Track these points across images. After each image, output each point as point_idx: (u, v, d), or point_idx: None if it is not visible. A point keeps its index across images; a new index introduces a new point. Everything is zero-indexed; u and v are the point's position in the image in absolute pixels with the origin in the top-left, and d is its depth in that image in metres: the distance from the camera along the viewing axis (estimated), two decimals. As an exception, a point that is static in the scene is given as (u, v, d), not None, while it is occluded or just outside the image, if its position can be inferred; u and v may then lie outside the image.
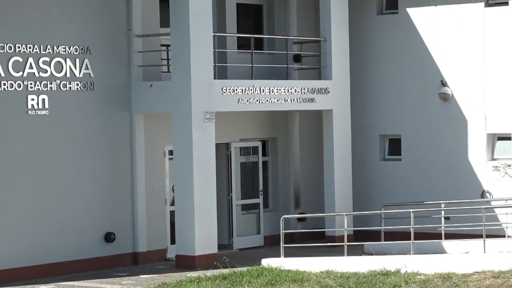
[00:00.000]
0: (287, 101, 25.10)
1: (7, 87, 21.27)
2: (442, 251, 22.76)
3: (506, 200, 23.18)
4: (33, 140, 21.79)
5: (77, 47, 22.54)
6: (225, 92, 23.64)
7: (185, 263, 22.67)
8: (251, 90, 24.23)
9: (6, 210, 21.22)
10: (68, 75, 22.35)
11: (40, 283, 20.60)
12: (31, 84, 21.69)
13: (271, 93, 24.65)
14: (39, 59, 21.84)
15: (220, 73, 24.52)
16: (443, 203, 23.75)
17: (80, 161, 22.62)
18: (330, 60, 26.08)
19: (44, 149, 21.97)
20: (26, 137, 21.67)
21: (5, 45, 21.23)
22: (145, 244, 23.69)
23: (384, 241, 23.87)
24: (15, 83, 21.41)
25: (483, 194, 24.97)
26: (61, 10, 22.31)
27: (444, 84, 25.76)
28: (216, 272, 21.12)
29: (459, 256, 21.14)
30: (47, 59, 21.99)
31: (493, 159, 25.00)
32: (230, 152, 25.91)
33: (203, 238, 22.91)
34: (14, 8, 21.44)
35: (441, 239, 23.20)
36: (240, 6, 26.59)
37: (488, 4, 25.11)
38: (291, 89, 25.20)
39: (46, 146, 22.01)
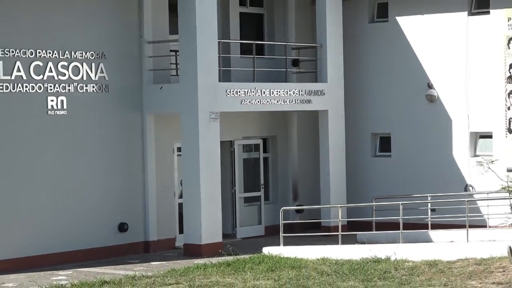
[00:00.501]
0: (285, 102, 25.14)
1: (28, 89, 21.33)
2: (428, 240, 22.80)
3: (488, 193, 23.21)
4: (52, 138, 21.84)
5: (93, 53, 22.56)
6: (229, 94, 23.66)
7: (192, 251, 22.68)
8: (253, 92, 24.25)
9: (27, 203, 21.28)
10: (84, 78, 22.38)
11: (58, 270, 20.61)
12: (50, 86, 21.74)
13: (271, 95, 24.69)
14: (58, 63, 21.88)
15: (225, 76, 24.52)
16: (429, 196, 23.83)
17: (95, 157, 22.65)
18: (326, 64, 26.07)
19: (63, 146, 22.00)
20: (47, 135, 21.73)
21: (26, 50, 21.27)
22: (155, 234, 23.72)
23: (375, 231, 23.84)
24: (36, 85, 21.46)
25: (466, 187, 25.01)
26: (78, 18, 22.31)
27: (430, 86, 25.79)
28: (221, 259, 21.18)
29: (444, 245, 21.26)
30: (66, 63, 22.02)
31: (476, 156, 25.03)
32: (234, 149, 25.94)
33: (209, 228, 22.93)
34: (34, 16, 21.47)
35: (428, 229, 23.30)
36: (243, 15, 26.57)
37: (471, 13, 25.13)
38: (289, 91, 25.23)
39: (64, 144, 22.04)
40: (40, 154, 21.60)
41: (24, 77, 21.27)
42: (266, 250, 22.17)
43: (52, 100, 21.81)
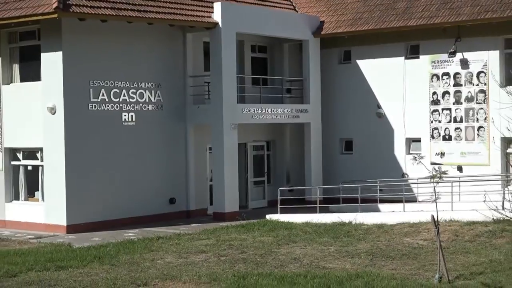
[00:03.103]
0: (281, 117, 25.20)
1: (109, 108, 21.43)
2: (377, 210, 22.84)
3: (417, 179, 23.24)
4: (126, 140, 21.87)
5: (153, 83, 22.58)
6: (243, 111, 23.70)
7: (219, 217, 22.66)
8: (260, 110, 24.28)
9: (109, 184, 21.37)
10: (147, 100, 22.40)
11: (129, 229, 20.70)
12: (124, 106, 21.79)
13: (272, 112, 24.72)
14: (129, 90, 21.94)
15: (241, 99, 24.42)
16: (378, 180, 23.84)
17: (154, 154, 22.65)
18: (309, 91, 26.04)
19: (133, 146, 22.03)
20: (122, 139, 21.78)
21: (108, 81, 21.35)
22: (194, 205, 23.69)
23: (342, 204, 23.83)
24: (114, 105, 21.54)
25: (403, 175, 24.94)
26: (142, 60, 22.35)
27: (379, 107, 25.72)
28: (238, 223, 21.26)
29: (388, 214, 21.34)
30: (134, 90, 22.07)
31: (409, 153, 24.88)
32: (247, 148, 25.86)
33: (230, 201, 22.95)
34: (113, 59, 21.54)
35: (377, 203, 23.29)
36: (253, 58, 26.50)
37: (407, 57, 25.07)
38: (284, 110, 25.29)
39: (134, 144, 22.06)
40: (118, 150, 21.66)
41: (107, 100, 21.35)
42: (268, 216, 22.21)
43: (125, 115, 21.86)
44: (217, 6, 23.06)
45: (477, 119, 23.66)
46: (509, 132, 17.74)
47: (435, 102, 24.50)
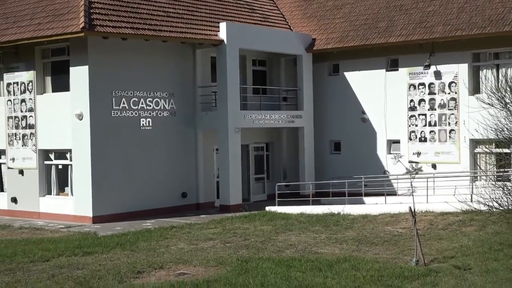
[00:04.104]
0: (279, 122, 25.19)
1: (130, 114, 21.42)
2: (362, 202, 22.77)
3: (397, 175, 23.25)
4: (144, 143, 21.85)
5: (167, 93, 22.58)
6: (246, 117, 23.69)
7: (224, 209, 22.59)
8: (260, 116, 24.24)
9: (129, 180, 21.37)
10: (162, 108, 22.39)
11: (146, 220, 20.67)
12: (142, 113, 21.78)
13: (270, 118, 24.70)
14: (147, 99, 21.92)
15: (243, 106, 24.41)
16: (363, 177, 23.81)
17: (168, 154, 22.62)
18: (302, 99, 26.01)
19: (150, 147, 22.00)
20: (140, 141, 21.75)
21: (128, 91, 21.34)
22: (203, 198, 23.63)
23: (332, 197, 23.83)
24: (133, 112, 21.53)
25: (384, 172, 24.95)
26: (157, 72, 22.32)
27: (363, 113, 25.66)
28: (241, 214, 21.24)
29: (372, 205, 21.24)
30: (151, 99, 22.05)
31: (390, 153, 24.90)
32: (249, 149, 25.80)
33: (234, 195, 22.93)
34: (132, 71, 21.52)
35: (362, 196, 23.25)
36: (254, 71, 26.47)
37: (387, 70, 25.02)
38: (281, 116, 25.28)
39: (151, 146, 22.03)
40: (136, 151, 21.64)
41: (127, 107, 21.36)
42: (268, 208, 22.15)
43: (143, 121, 21.85)
44: (222, 26, 23.09)
45: (449, 123, 23.67)
46: (477, 134, 17.74)
47: (412, 108, 24.48)
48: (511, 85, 9.89)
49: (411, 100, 24.50)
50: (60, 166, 21.91)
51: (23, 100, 22.24)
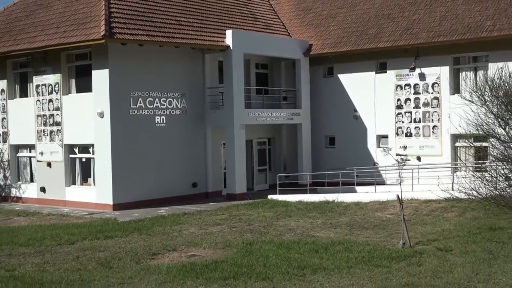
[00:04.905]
0: (280, 119, 25.07)
1: (145, 113, 21.37)
2: (354, 191, 22.65)
3: (386, 167, 23.27)
4: (158, 138, 21.81)
5: (179, 93, 22.53)
6: (250, 115, 23.61)
7: (231, 197, 22.58)
8: (263, 113, 24.19)
9: (145, 171, 21.33)
10: (175, 106, 22.35)
11: (161, 207, 20.67)
12: (157, 111, 21.74)
13: (272, 115, 24.62)
14: (161, 99, 21.87)
15: (247, 105, 24.34)
16: (355, 168, 23.75)
17: (180, 148, 22.57)
18: (300, 99, 25.92)
19: (164, 142, 21.97)
20: (155, 137, 21.71)
21: (144, 92, 21.30)
22: (211, 188, 23.61)
23: (327, 186, 23.69)
24: (149, 111, 21.48)
25: (374, 163, 24.97)
26: (170, 75, 22.25)
27: (355, 111, 25.60)
28: (245, 201, 21.27)
29: (363, 194, 21.20)
30: (165, 99, 22.01)
31: (379, 147, 24.86)
32: (253, 144, 25.76)
33: (239, 185, 22.87)
34: (148, 74, 21.43)
35: (354, 185, 23.21)
36: (257, 73, 26.36)
37: (377, 72, 24.95)
38: (281, 113, 25.19)
39: (164, 141, 21.99)
40: (152, 146, 21.61)
41: (143, 106, 21.32)
42: (270, 197, 22.16)
43: (158, 118, 21.80)
44: (228, 33, 23.04)
45: (432, 120, 23.60)
46: (459, 129, 17.71)
47: (399, 106, 24.40)
48: (490, 84, 9.85)
49: (398, 99, 24.42)
50: (83, 159, 21.91)
51: (50, 100, 22.25)
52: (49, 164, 22.43)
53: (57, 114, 22.08)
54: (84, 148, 21.76)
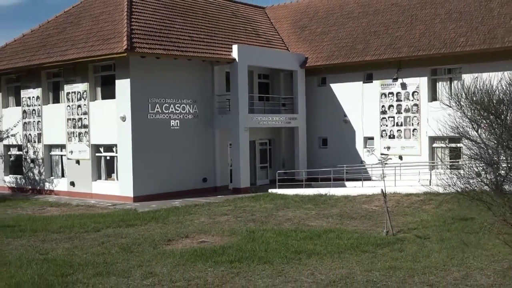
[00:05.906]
0: (279, 123, 24.99)
1: (162, 117, 21.33)
2: (344, 186, 22.65)
3: (372, 165, 23.24)
4: (173, 140, 21.75)
5: (191, 100, 22.48)
6: (253, 119, 23.52)
7: (236, 191, 22.53)
8: (264, 118, 24.12)
9: (161, 168, 21.28)
10: (187, 111, 22.30)
11: (175, 200, 20.65)
12: (172, 116, 21.71)
13: (272, 119, 24.56)
14: (175, 105, 21.84)
15: (251, 111, 24.28)
16: (345, 165, 23.79)
17: (192, 148, 22.51)
18: (297, 105, 25.83)
19: (178, 143, 21.89)
20: (171, 139, 21.66)
21: (161, 99, 21.25)
22: (219, 182, 23.50)
23: (320, 182, 23.74)
24: (165, 115, 21.44)
25: (361, 162, 24.95)
26: (183, 83, 22.20)
27: (345, 116, 25.48)
28: (249, 195, 21.20)
29: (352, 188, 21.15)
30: (179, 105, 21.98)
31: (366, 147, 24.85)
32: (255, 144, 25.68)
33: (244, 180, 22.78)
34: (164, 83, 21.40)
35: (344, 181, 23.15)
36: (260, 83, 26.27)
37: (364, 82, 24.83)
38: (281, 118, 25.08)
39: (178, 142, 21.93)
40: (167, 146, 21.54)
41: (160, 111, 21.30)
42: (270, 190, 22.06)
43: (173, 122, 21.77)
44: (235, 47, 23.01)
45: (412, 124, 23.53)
46: (436, 132, 17.66)
47: (383, 112, 24.32)
48: (465, 91, 9.91)
49: (383, 106, 24.36)
50: (108, 157, 21.90)
51: (79, 106, 22.28)
52: (77, 162, 22.45)
53: (85, 118, 22.10)
54: (108, 148, 21.76)
